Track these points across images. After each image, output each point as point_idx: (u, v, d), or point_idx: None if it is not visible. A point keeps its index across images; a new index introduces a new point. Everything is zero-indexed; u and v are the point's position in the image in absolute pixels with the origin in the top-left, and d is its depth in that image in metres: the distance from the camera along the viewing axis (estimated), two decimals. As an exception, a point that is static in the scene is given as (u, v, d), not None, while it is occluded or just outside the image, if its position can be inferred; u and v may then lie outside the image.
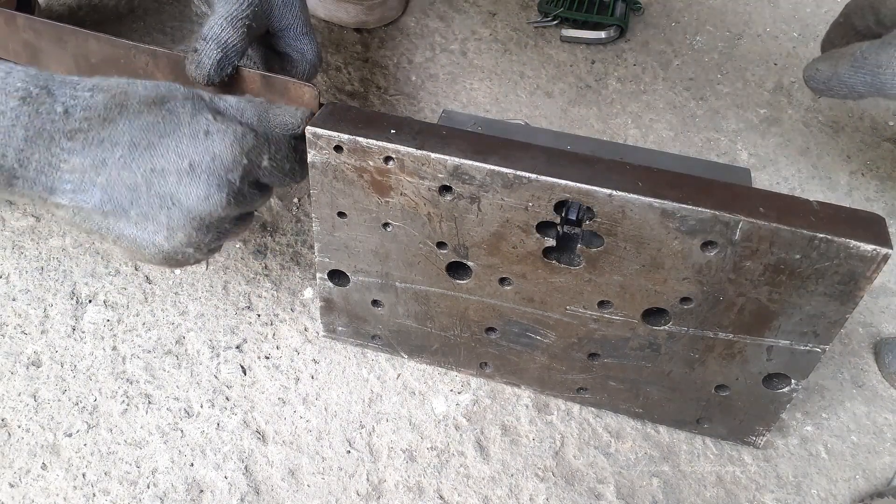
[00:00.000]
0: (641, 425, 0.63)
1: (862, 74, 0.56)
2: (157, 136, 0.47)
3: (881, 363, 0.68)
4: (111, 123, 0.46)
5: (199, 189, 0.47)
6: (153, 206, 0.48)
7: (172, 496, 0.57)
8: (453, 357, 0.63)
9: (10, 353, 0.64)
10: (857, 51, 0.57)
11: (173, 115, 0.48)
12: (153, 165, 0.47)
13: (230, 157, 0.48)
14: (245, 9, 0.54)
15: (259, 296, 0.69)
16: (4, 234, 0.72)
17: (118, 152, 0.47)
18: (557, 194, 0.48)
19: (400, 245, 0.55)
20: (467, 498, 0.59)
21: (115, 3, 0.97)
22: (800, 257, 0.47)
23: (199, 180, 0.47)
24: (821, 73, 0.60)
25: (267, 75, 0.55)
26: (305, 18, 0.60)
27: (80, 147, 0.46)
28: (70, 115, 0.46)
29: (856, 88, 0.57)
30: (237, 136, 0.48)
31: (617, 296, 0.53)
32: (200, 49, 0.53)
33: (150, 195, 0.47)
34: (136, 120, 0.47)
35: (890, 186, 0.83)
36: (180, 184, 0.47)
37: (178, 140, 0.47)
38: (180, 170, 0.47)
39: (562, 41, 0.98)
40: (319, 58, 0.62)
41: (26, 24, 0.59)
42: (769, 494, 0.60)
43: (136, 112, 0.47)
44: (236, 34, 0.53)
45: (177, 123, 0.48)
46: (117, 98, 0.47)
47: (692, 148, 0.86)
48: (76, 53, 0.58)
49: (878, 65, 0.55)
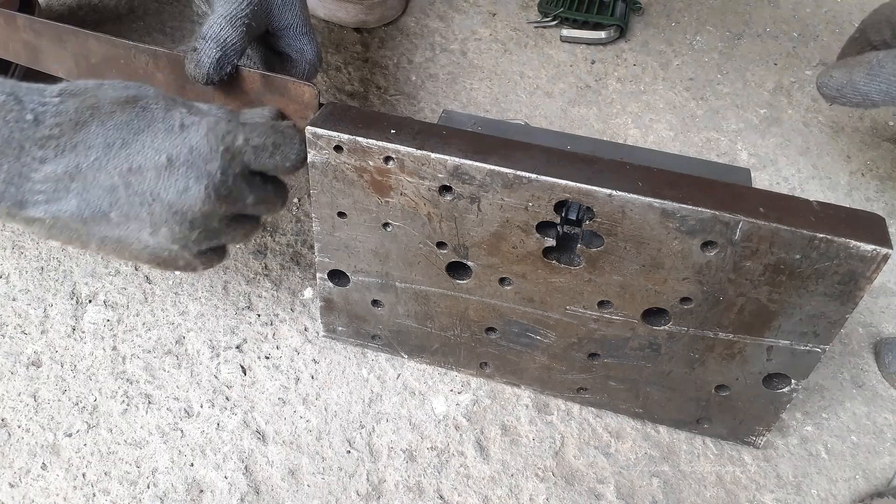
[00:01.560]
0: (641, 425, 0.63)
1: (878, 83, 0.56)
2: (132, 133, 0.46)
3: (881, 363, 0.68)
4: (84, 127, 0.45)
5: (179, 182, 0.46)
6: (134, 204, 0.46)
7: (172, 496, 0.57)
8: (453, 357, 0.63)
9: (10, 353, 0.64)
10: (874, 59, 0.56)
11: (147, 111, 0.47)
12: (130, 164, 0.46)
13: (206, 148, 0.46)
14: (244, 8, 0.54)
15: (259, 296, 0.69)
16: (4, 234, 0.72)
17: (93, 155, 0.45)
18: (557, 194, 0.48)
19: (400, 245, 0.55)
20: (467, 498, 0.59)
21: (115, 3, 0.97)
22: (800, 257, 0.47)
23: (177, 173, 0.46)
24: (835, 80, 0.59)
25: (266, 74, 0.55)
26: (305, 18, 0.60)
27: (52, 155, 0.45)
28: (40, 122, 0.44)
29: (871, 97, 0.57)
30: (211, 124, 0.47)
31: (617, 296, 0.53)
32: (200, 48, 0.53)
33: (129, 194, 0.46)
34: (109, 120, 0.46)
35: (890, 186, 0.83)
36: (159, 179, 0.46)
37: (153, 135, 0.46)
38: (158, 165, 0.46)
39: (562, 41, 0.98)
40: (319, 57, 0.62)
41: (26, 24, 0.59)
42: (769, 494, 0.60)
43: (109, 112, 0.46)
44: (235, 33, 0.53)
45: (151, 119, 0.47)
46: (88, 101, 0.46)
47: (692, 148, 0.86)
48: (76, 53, 0.58)
49: (895, 74, 0.54)
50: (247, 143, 0.48)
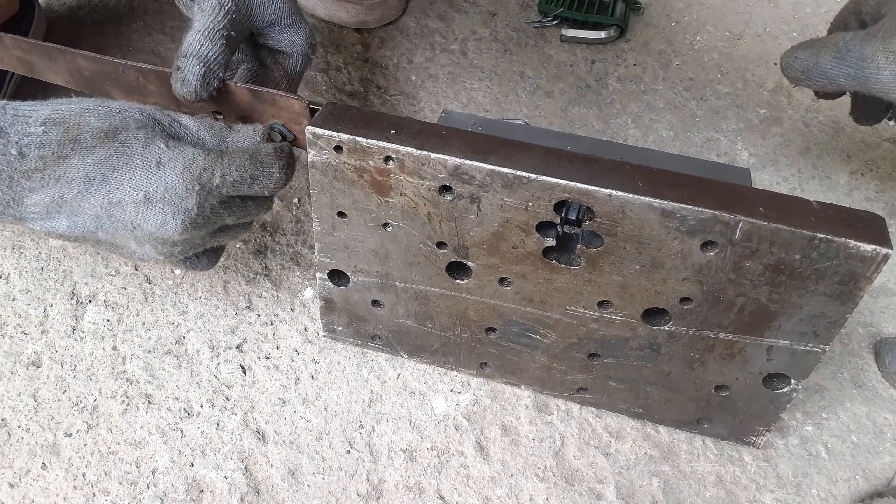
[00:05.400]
0: (641, 425, 0.63)
1: (845, 67, 0.54)
2: (111, 169, 0.48)
3: (881, 363, 0.68)
4: (65, 160, 0.48)
5: (157, 217, 0.48)
6: (118, 229, 0.49)
7: (172, 496, 0.57)
8: (453, 357, 0.63)
9: (10, 353, 0.64)
10: (841, 41, 0.55)
11: (126, 146, 0.49)
12: (110, 198, 0.48)
13: (182, 187, 0.48)
14: (221, 20, 0.53)
15: (259, 296, 0.69)
16: (4, 234, 0.72)
17: (75, 188, 0.48)
18: (557, 194, 0.48)
19: (400, 245, 0.55)
20: (467, 498, 0.59)
21: (115, 3, 0.97)
22: (800, 257, 0.46)
23: (155, 209, 0.48)
24: (799, 61, 0.57)
25: (254, 89, 0.54)
26: (290, 10, 0.59)
27: (38, 185, 0.48)
28: (25, 155, 0.47)
29: (837, 80, 0.55)
30: (187, 162, 0.48)
31: (617, 296, 0.53)
32: (183, 66, 0.52)
33: (112, 222, 0.49)
34: (90, 155, 0.48)
35: (890, 186, 0.83)
36: (138, 213, 0.48)
37: (131, 173, 0.48)
38: (136, 201, 0.48)
39: (562, 41, 0.98)
40: (311, 46, 0.61)
41: (14, 44, 0.58)
42: (769, 494, 0.60)
43: (89, 147, 0.48)
44: (215, 47, 0.53)
45: (129, 156, 0.48)
46: (70, 132, 0.48)
47: (692, 148, 0.86)
48: (69, 68, 0.58)
49: (863, 57, 0.53)
50: (223, 179, 0.49)
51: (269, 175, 0.50)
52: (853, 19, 0.61)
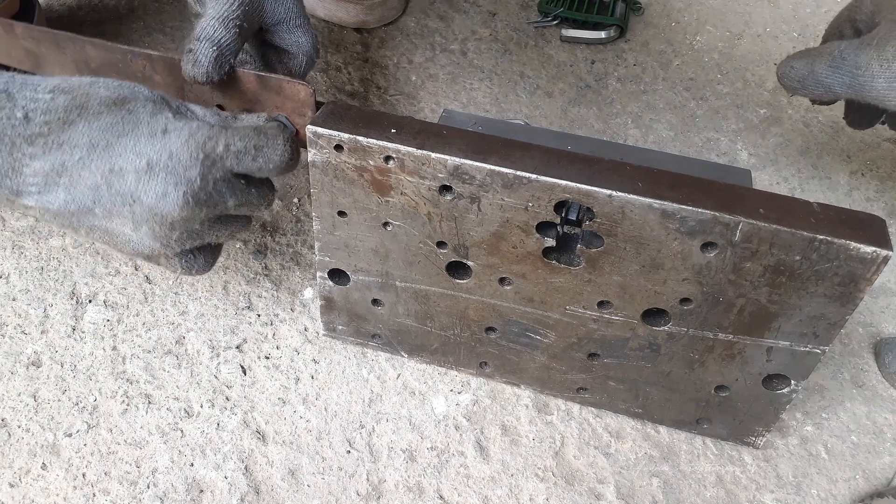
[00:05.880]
0: (641, 425, 0.63)
1: (840, 75, 0.55)
2: (116, 135, 0.47)
3: (881, 363, 0.68)
4: (70, 126, 0.47)
5: (158, 187, 0.47)
6: (115, 203, 0.48)
7: (172, 496, 0.57)
8: (453, 357, 0.63)
9: (10, 353, 0.64)
10: (836, 50, 0.55)
11: (133, 114, 0.48)
12: (111, 166, 0.47)
13: (186, 154, 0.47)
14: (235, 9, 0.54)
15: (259, 296, 0.69)
16: (4, 234, 0.72)
17: (77, 154, 0.47)
18: (557, 194, 0.48)
19: (400, 244, 0.55)
20: (467, 498, 0.59)
21: (115, 3, 0.97)
22: (800, 259, 0.47)
23: (157, 178, 0.47)
24: (796, 70, 0.58)
25: (262, 75, 0.55)
26: (299, 11, 0.60)
27: (40, 152, 0.46)
28: (30, 119, 0.46)
29: (833, 89, 0.56)
30: (193, 130, 0.48)
31: (617, 296, 0.53)
32: (195, 48, 0.53)
33: (111, 194, 0.47)
34: (96, 121, 0.47)
35: (890, 186, 0.83)
36: (139, 182, 0.47)
37: (136, 139, 0.47)
38: (138, 169, 0.47)
39: (562, 41, 0.98)
40: (316, 49, 0.62)
41: (25, 32, 0.59)
42: (769, 494, 0.60)
43: (96, 113, 0.47)
44: (228, 34, 0.53)
45: (136, 122, 0.48)
46: (78, 99, 0.47)
47: (692, 148, 0.86)
48: (76, 59, 0.58)
49: (857, 66, 0.53)
50: (227, 149, 0.48)
51: (273, 146, 0.50)
52: (848, 27, 0.61)
